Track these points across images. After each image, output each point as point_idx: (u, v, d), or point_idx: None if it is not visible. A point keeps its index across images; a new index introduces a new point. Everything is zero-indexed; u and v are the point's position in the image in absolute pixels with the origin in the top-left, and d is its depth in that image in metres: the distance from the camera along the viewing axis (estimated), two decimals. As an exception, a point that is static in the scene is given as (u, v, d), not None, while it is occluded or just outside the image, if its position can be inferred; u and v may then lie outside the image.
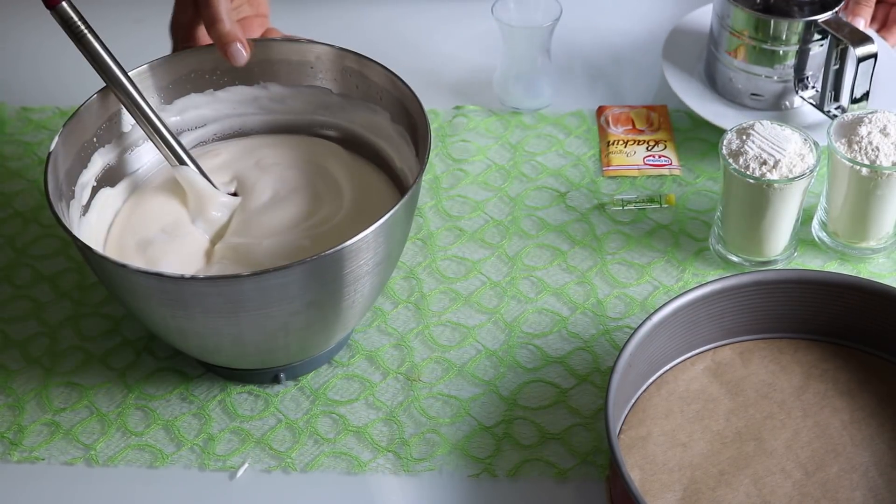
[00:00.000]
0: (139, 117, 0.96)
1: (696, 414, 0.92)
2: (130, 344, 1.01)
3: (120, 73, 0.95)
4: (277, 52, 1.02)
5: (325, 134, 1.05)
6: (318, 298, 0.88)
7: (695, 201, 1.10)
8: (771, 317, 0.95)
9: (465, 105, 1.20)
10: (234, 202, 0.99)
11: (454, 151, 1.16)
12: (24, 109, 1.22)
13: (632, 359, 0.89)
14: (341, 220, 0.96)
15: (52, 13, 0.93)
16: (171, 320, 0.88)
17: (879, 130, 1.00)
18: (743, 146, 0.98)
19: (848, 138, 1.01)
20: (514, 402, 0.96)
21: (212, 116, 1.04)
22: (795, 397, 0.93)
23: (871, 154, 0.99)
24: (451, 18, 1.31)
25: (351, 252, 0.86)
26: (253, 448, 0.94)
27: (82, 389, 0.98)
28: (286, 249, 0.94)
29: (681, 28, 1.21)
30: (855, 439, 0.90)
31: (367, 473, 0.92)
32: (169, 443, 0.94)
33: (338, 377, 0.98)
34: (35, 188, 1.14)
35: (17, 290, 1.05)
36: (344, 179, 1.00)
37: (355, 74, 1.01)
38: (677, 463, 0.89)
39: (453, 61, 1.25)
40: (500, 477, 0.92)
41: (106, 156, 0.99)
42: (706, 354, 0.96)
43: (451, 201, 1.11)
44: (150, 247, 0.95)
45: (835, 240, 1.05)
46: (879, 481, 0.87)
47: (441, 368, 0.98)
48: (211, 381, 0.98)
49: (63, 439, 0.95)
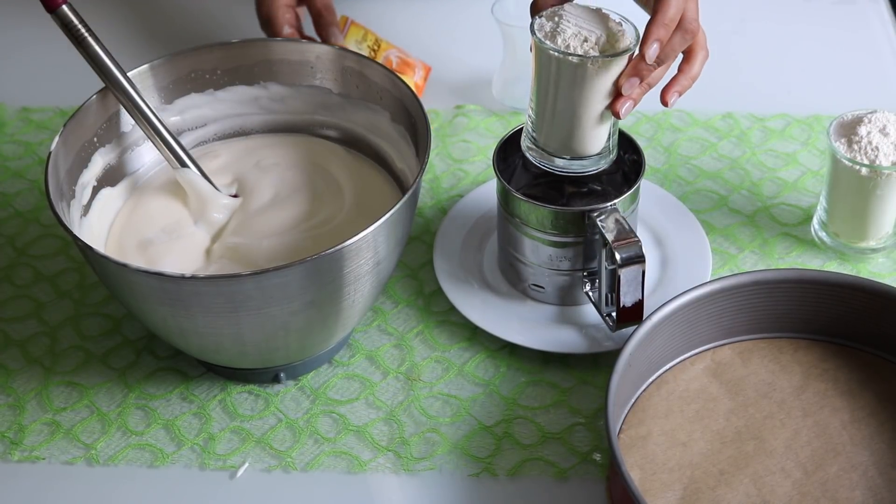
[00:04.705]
0: (140, 120, 0.96)
1: (696, 413, 0.92)
2: (131, 344, 1.01)
3: (121, 76, 0.95)
4: (277, 52, 1.02)
5: (325, 134, 1.05)
6: (318, 298, 0.88)
7: (694, 201, 1.10)
8: (771, 317, 0.95)
9: (465, 105, 1.21)
10: (236, 203, 0.99)
11: (454, 151, 1.16)
12: (24, 109, 1.22)
13: (632, 359, 0.89)
14: (342, 221, 0.96)
15: (53, 17, 0.93)
16: (171, 320, 0.89)
17: (879, 130, 1.00)
18: (557, 27, 0.90)
19: (848, 138, 1.01)
20: (514, 402, 0.96)
21: (212, 116, 1.04)
22: (795, 397, 0.93)
23: (870, 154, 0.99)
24: (451, 18, 1.31)
25: (351, 252, 0.86)
26: (253, 447, 0.94)
27: (83, 389, 0.98)
28: (286, 249, 0.94)
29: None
30: (855, 439, 0.90)
31: (367, 473, 0.92)
32: (169, 442, 0.94)
33: (338, 377, 0.98)
34: (35, 188, 1.14)
35: (17, 290, 1.05)
36: (344, 179, 1.00)
37: (355, 74, 1.01)
38: (677, 462, 0.89)
39: (453, 61, 1.25)
40: (500, 476, 0.92)
41: (106, 156, 0.99)
42: (706, 354, 0.96)
43: (451, 201, 1.11)
44: (150, 246, 0.95)
45: (835, 240, 1.05)
46: (879, 481, 0.87)
47: (441, 368, 0.98)
48: (211, 380, 0.98)
49: (63, 439, 0.95)
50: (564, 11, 0.91)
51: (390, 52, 1.18)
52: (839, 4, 1.32)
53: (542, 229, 0.96)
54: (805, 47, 1.27)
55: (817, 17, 1.31)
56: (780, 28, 1.29)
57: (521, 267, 1.00)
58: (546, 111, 0.93)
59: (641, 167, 0.97)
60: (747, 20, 1.30)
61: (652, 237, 1.05)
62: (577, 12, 0.91)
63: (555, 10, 0.92)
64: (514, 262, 1.00)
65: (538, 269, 0.99)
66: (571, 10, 0.91)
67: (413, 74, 1.18)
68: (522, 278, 1.00)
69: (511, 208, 0.97)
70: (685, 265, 1.02)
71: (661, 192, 1.09)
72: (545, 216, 0.95)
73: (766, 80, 1.23)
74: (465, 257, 1.04)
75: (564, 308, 1.00)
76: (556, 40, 0.90)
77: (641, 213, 1.04)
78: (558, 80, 0.90)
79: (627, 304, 0.93)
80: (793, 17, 1.31)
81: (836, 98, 1.20)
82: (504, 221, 0.99)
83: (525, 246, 0.98)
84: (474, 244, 1.05)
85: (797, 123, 1.17)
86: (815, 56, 1.26)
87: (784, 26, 1.30)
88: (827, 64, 1.25)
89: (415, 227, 1.09)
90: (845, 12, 1.31)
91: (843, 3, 1.32)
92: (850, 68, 1.24)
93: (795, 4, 1.32)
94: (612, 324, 0.96)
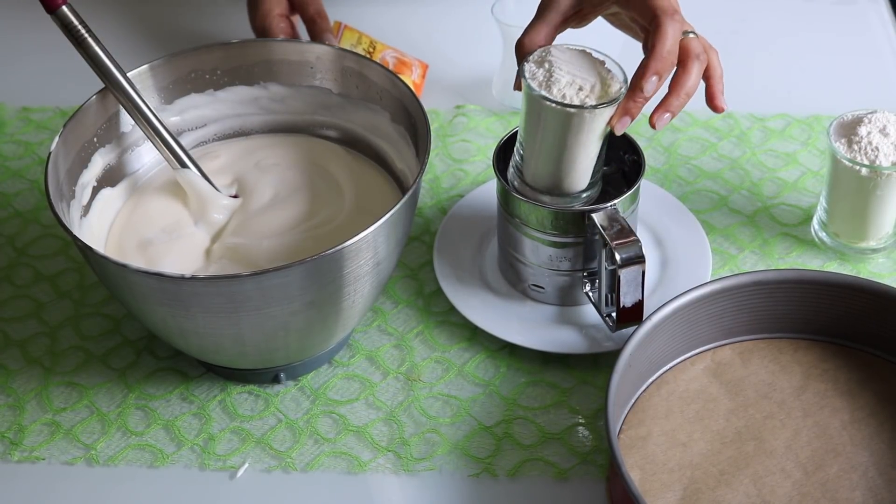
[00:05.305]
0: (140, 121, 0.96)
1: (696, 414, 0.92)
2: (130, 344, 1.01)
3: (121, 77, 0.95)
4: (277, 52, 1.02)
5: (325, 134, 1.05)
6: (318, 298, 0.88)
7: (694, 201, 1.10)
8: (771, 317, 0.95)
9: (465, 105, 1.20)
10: (236, 204, 0.99)
11: (454, 151, 1.16)
12: (24, 109, 1.22)
13: (632, 359, 0.89)
14: (342, 221, 0.96)
15: (53, 17, 0.93)
16: (171, 320, 0.89)
17: (879, 130, 1.00)
18: (551, 76, 0.90)
19: (848, 138, 1.01)
20: (514, 403, 0.96)
21: (212, 116, 1.04)
22: (795, 397, 0.93)
23: (870, 154, 0.99)
24: (451, 18, 1.31)
25: (351, 252, 0.86)
26: (253, 448, 0.94)
27: (82, 389, 0.98)
28: (286, 250, 0.94)
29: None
30: (855, 439, 0.90)
31: (367, 473, 0.92)
32: (169, 442, 0.94)
33: (338, 377, 0.98)
34: (35, 188, 1.14)
35: (17, 290, 1.05)
36: (344, 180, 1.00)
37: (355, 74, 1.01)
38: (677, 463, 0.89)
39: (453, 61, 1.25)
40: (500, 477, 0.92)
41: (106, 156, 0.99)
42: (706, 354, 0.96)
43: (451, 201, 1.11)
44: (150, 247, 0.95)
45: (835, 240, 1.05)
46: (879, 481, 0.87)
47: (441, 368, 0.98)
48: (211, 381, 0.98)
49: (63, 439, 0.95)
50: (553, 57, 0.91)
51: (386, 53, 1.18)
52: (839, 5, 1.32)
53: (542, 229, 0.96)
54: (805, 47, 1.27)
55: (817, 17, 1.31)
56: (780, 28, 1.29)
57: (521, 267, 1.00)
58: (535, 152, 0.93)
59: (641, 167, 0.97)
60: (747, 20, 1.30)
61: (652, 237, 1.05)
62: (565, 57, 0.91)
63: (542, 55, 0.91)
64: (514, 262, 1.00)
65: (538, 269, 0.99)
66: (559, 54, 0.92)
67: (411, 73, 1.18)
68: (522, 278, 1.00)
69: (511, 208, 0.97)
70: (685, 265, 1.02)
71: (661, 192, 1.09)
72: (545, 216, 0.95)
73: (766, 80, 1.23)
74: (465, 257, 1.04)
75: (564, 308, 1.00)
76: (551, 90, 0.89)
77: (641, 214, 1.04)
78: (552, 126, 0.91)
79: (627, 304, 0.93)
80: (793, 17, 1.31)
81: (836, 98, 1.20)
82: (504, 221, 0.99)
83: (525, 246, 0.98)
84: (474, 244, 1.05)
85: (797, 123, 1.17)
86: (815, 56, 1.26)
87: (784, 26, 1.30)
88: (827, 64, 1.25)
89: (415, 227, 1.09)
90: (845, 13, 1.31)
91: (843, 4, 1.32)
92: (850, 68, 1.24)
93: (795, 5, 1.32)
94: (612, 324, 0.96)
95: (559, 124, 0.90)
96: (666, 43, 0.88)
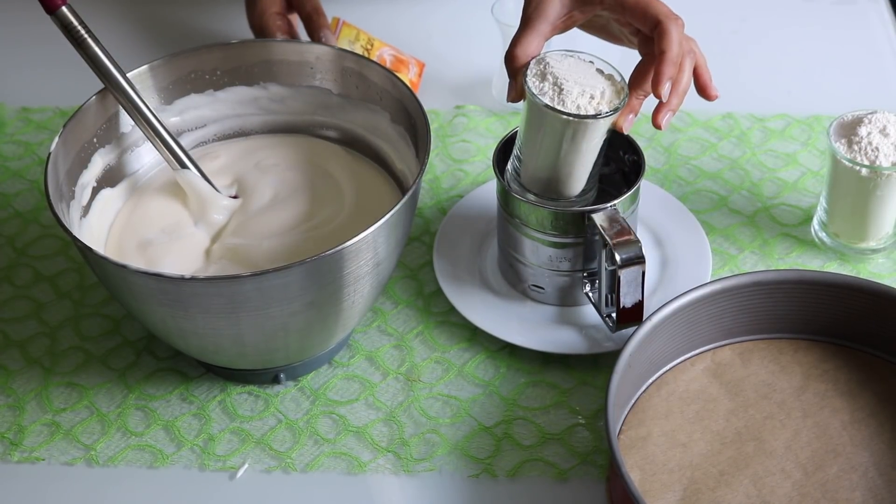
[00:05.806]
0: (140, 121, 0.96)
1: (696, 414, 0.92)
2: (130, 344, 1.01)
3: (120, 77, 0.95)
4: (277, 53, 1.02)
5: (325, 134, 1.05)
6: (318, 299, 0.88)
7: (694, 201, 1.10)
8: (771, 317, 0.95)
9: (465, 105, 1.20)
10: (235, 204, 0.99)
11: (454, 151, 1.16)
12: (24, 109, 1.22)
13: (632, 359, 0.89)
14: (341, 221, 0.96)
15: (52, 18, 0.93)
16: (171, 320, 0.89)
17: (879, 131, 1.00)
18: (562, 89, 0.90)
19: (848, 138, 1.01)
20: (514, 403, 0.96)
21: (212, 117, 1.04)
22: (795, 397, 0.93)
23: (870, 154, 0.99)
24: (451, 18, 1.31)
25: (351, 252, 0.86)
26: (253, 448, 0.94)
27: (82, 389, 0.98)
28: (286, 250, 0.94)
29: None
30: (855, 439, 0.90)
31: (367, 473, 0.92)
32: (169, 443, 0.94)
33: (338, 377, 0.98)
34: (35, 188, 1.14)
35: (17, 290, 1.05)
36: (344, 180, 1.00)
37: (355, 75, 1.01)
38: (677, 463, 0.89)
39: (453, 61, 1.25)
40: (499, 477, 0.92)
41: (106, 156, 0.99)
42: (706, 355, 0.96)
43: (451, 201, 1.11)
44: (150, 247, 0.95)
45: (835, 240, 1.05)
46: (879, 481, 0.87)
47: (441, 369, 0.98)
48: (211, 381, 0.98)
49: (63, 439, 0.95)
50: (553, 68, 0.91)
51: (384, 51, 1.18)
52: (839, 5, 1.32)
53: (542, 230, 0.96)
54: (805, 47, 1.27)
55: (817, 17, 1.31)
56: (780, 28, 1.29)
57: (521, 267, 1.00)
58: (539, 159, 0.93)
59: (641, 168, 0.97)
60: (747, 20, 1.30)
61: (652, 238, 1.05)
62: (563, 66, 0.91)
63: (542, 69, 0.91)
64: (513, 262, 1.00)
65: (538, 269, 0.99)
66: (556, 64, 0.91)
67: (408, 72, 1.18)
68: (522, 279, 1.00)
69: (511, 209, 0.97)
70: (685, 266, 1.02)
71: (661, 192, 1.09)
72: (545, 217, 0.95)
73: (766, 80, 1.23)
74: (464, 258, 1.04)
75: (564, 309, 1.00)
76: (565, 103, 0.89)
77: (641, 214, 1.04)
78: (560, 135, 0.91)
79: (627, 304, 0.93)
80: (793, 17, 1.31)
81: (836, 98, 1.20)
82: (504, 222, 0.99)
83: (525, 246, 0.98)
84: (474, 245, 1.05)
85: (797, 124, 1.17)
86: (816, 56, 1.26)
87: (784, 26, 1.30)
88: (827, 64, 1.25)
89: (415, 227, 1.09)
90: (845, 12, 1.31)
91: (843, 4, 1.32)
92: (850, 68, 1.24)
93: (795, 4, 1.32)
94: (612, 324, 0.96)
95: (572, 134, 0.91)
96: (675, 48, 0.90)
